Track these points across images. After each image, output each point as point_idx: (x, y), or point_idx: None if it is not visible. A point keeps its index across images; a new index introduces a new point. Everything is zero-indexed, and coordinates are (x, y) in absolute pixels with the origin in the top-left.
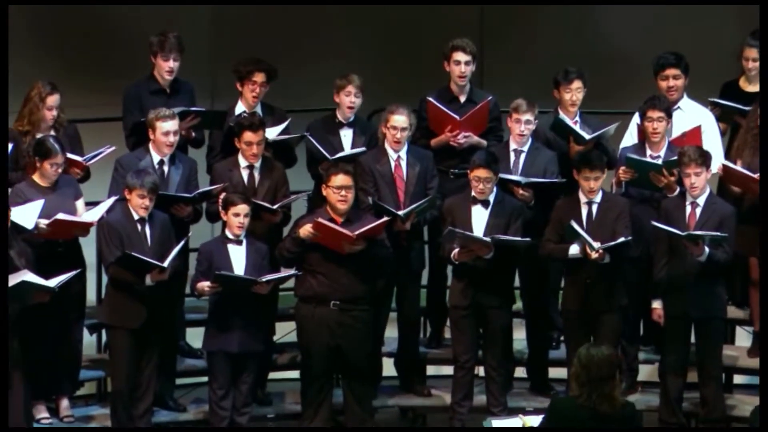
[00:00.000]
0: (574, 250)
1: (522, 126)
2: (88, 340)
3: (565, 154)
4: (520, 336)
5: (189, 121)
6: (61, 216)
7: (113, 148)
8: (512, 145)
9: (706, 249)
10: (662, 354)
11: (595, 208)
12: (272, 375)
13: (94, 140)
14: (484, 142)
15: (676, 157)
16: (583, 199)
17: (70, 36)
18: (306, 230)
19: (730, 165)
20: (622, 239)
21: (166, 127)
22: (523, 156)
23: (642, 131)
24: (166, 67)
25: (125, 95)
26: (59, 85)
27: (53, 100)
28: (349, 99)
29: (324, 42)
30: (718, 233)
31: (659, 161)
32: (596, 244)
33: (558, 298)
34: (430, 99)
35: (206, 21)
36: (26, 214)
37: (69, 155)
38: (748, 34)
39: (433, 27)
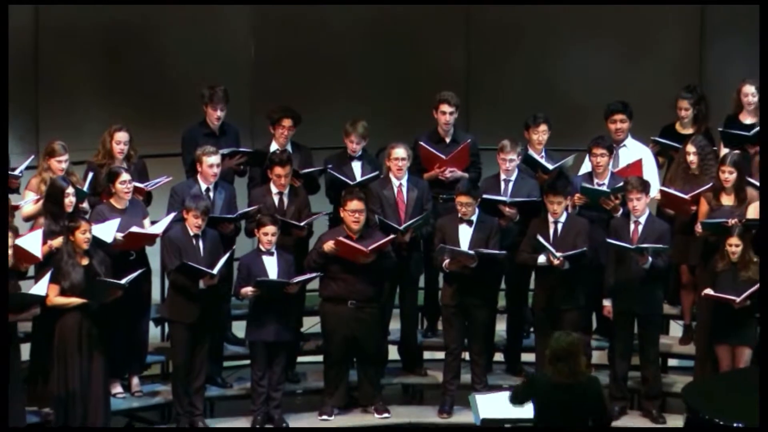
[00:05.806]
0: (542, 259)
1: (507, 164)
2: (154, 331)
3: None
4: (502, 327)
5: (238, 159)
6: (134, 229)
7: (170, 177)
8: (502, 176)
9: (650, 259)
10: (611, 342)
11: (560, 226)
12: (300, 359)
13: (157, 172)
14: (467, 175)
15: (619, 184)
16: (551, 219)
17: (137, 89)
18: (329, 246)
19: (669, 190)
20: (579, 250)
21: (210, 161)
22: (511, 184)
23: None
24: (215, 116)
25: (183, 138)
26: (132, 128)
27: (120, 136)
28: (351, 146)
29: (338, 93)
30: (661, 245)
31: (604, 187)
32: (558, 254)
33: (528, 298)
34: (421, 142)
35: (247, 74)
36: (105, 231)
37: (135, 183)
38: (682, 87)
39: (424, 80)
